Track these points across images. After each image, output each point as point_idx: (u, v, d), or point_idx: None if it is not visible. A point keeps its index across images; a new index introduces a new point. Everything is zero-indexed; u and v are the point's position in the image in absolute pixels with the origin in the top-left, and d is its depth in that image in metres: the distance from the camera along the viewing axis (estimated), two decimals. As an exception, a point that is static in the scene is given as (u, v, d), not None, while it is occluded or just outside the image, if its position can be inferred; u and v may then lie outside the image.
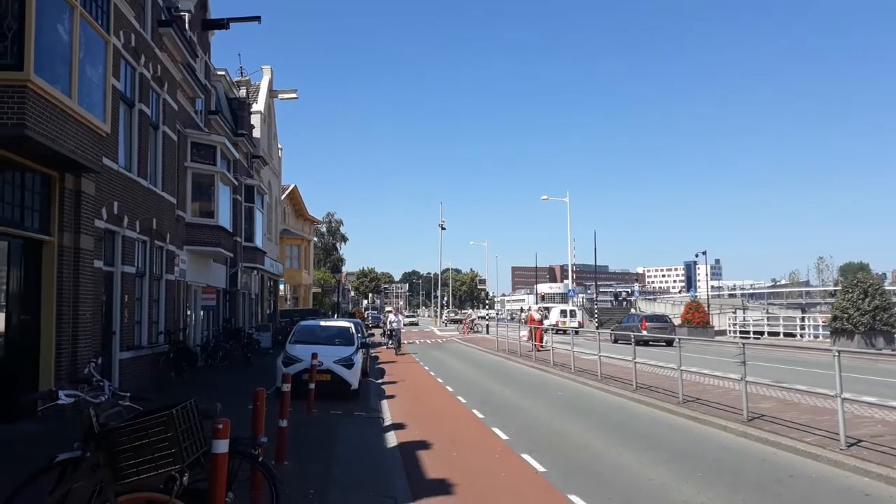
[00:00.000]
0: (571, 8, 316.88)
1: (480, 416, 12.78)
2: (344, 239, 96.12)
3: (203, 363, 20.07)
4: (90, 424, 4.59)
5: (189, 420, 4.32)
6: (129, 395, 4.94)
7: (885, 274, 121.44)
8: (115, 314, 13.85)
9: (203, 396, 6.72)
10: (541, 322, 30.91)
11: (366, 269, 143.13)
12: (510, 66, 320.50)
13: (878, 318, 25.51)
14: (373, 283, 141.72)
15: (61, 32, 9.70)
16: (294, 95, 37.14)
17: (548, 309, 52.60)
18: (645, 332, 28.98)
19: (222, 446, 4.70)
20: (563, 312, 49.45)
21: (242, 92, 31.01)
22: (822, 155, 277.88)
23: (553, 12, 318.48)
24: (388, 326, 33.15)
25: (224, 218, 21.81)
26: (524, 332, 28.89)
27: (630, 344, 16.68)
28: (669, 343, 26.01)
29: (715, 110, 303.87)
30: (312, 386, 12.81)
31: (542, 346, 26.10)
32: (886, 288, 32.15)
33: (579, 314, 53.44)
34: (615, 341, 30.04)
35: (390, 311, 47.66)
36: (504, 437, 10.68)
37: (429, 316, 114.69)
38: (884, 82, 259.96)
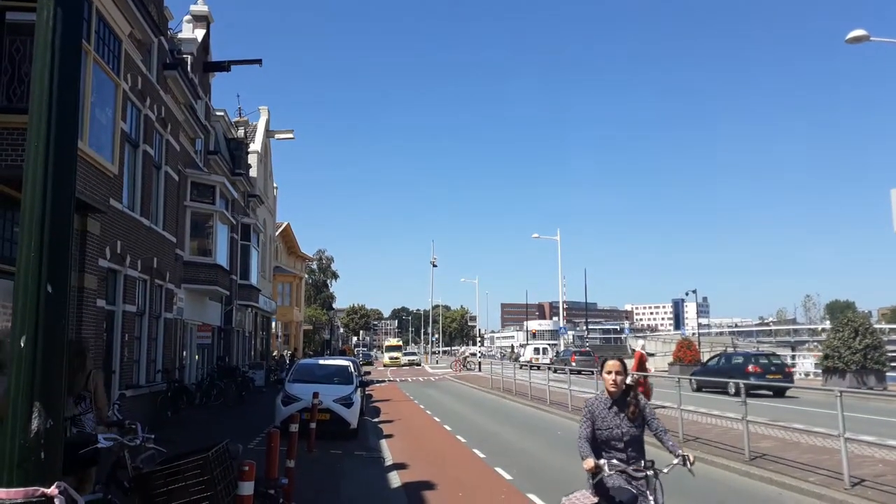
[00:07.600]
0: (570, 56, 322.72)
1: (482, 455, 12.77)
2: (335, 276, 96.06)
3: (198, 402, 19.96)
4: (113, 467, 4.66)
5: (223, 462, 4.39)
6: (153, 437, 5.00)
7: (870, 312, 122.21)
8: (115, 353, 13.84)
9: (202, 436, 6.75)
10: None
11: (356, 305, 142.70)
12: (505, 108, 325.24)
13: (869, 356, 25.60)
14: (363, 319, 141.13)
15: (75, 77, 9.89)
16: (290, 136, 37.51)
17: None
18: (574, 364, 35.75)
19: (248, 488, 4.78)
20: (536, 350, 55.18)
21: (241, 132, 31.38)
22: (807, 196, 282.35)
23: (557, 60, 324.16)
24: None
25: (222, 256, 21.90)
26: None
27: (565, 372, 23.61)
28: (593, 372, 26.14)
29: (704, 152, 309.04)
30: (313, 425, 12.80)
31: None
32: (876, 326, 32.36)
33: (551, 351, 55.59)
34: (554, 371, 30.93)
35: None
36: (508, 476, 10.68)
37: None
38: (867, 132, 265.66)
